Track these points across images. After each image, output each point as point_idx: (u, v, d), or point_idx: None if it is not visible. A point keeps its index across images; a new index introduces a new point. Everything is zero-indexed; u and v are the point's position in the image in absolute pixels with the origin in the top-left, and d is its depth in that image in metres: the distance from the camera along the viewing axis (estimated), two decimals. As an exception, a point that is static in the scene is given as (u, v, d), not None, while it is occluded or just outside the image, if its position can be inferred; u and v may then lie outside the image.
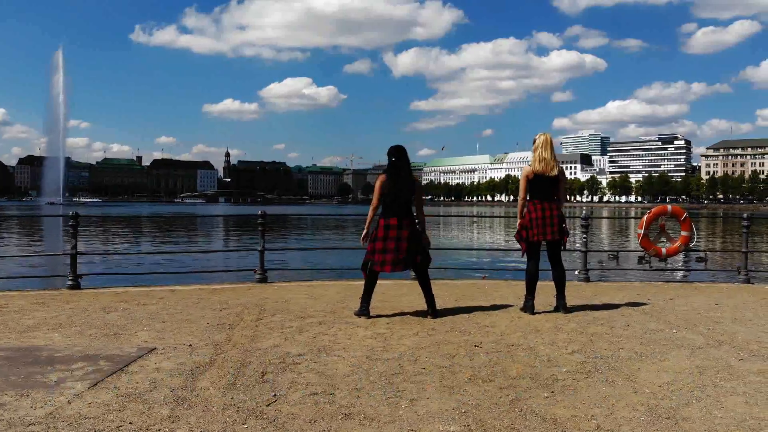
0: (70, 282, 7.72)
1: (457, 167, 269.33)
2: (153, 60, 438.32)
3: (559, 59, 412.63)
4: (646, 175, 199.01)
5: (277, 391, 3.51)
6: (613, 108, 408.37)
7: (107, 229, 33.66)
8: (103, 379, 3.71)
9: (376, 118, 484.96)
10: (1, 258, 15.63)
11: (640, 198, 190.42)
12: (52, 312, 5.98)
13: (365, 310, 5.78)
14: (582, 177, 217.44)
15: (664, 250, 8.38)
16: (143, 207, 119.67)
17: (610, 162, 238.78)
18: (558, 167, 5.92)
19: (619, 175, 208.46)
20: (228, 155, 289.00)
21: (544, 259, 6.15)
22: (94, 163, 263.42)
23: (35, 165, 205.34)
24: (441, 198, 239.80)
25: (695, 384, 3.75)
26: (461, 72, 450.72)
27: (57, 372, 3.86)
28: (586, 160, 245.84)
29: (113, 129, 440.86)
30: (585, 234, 9.04)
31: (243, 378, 3.76)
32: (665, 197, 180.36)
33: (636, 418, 3.17)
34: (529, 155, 6.12)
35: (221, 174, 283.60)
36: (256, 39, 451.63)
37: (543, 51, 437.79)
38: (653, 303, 6.80)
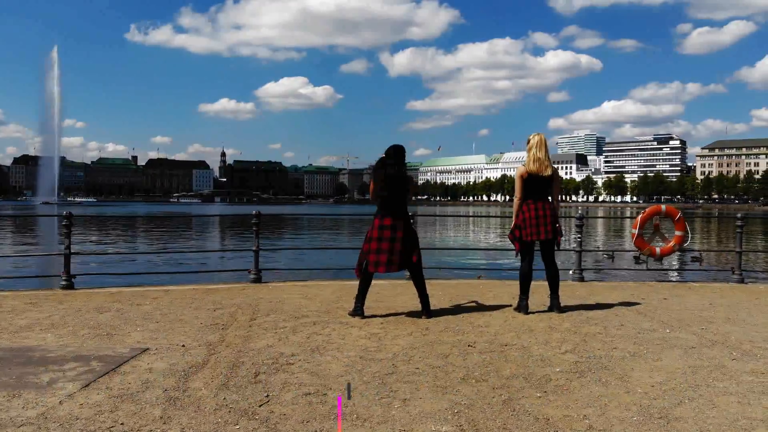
0: (63, 282, 7.69)
1: (453, 167, 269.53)
2: (148, 59, 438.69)
3: (555, 59, 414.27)
4: (641, 175, 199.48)
5: (270, 392, 3.51)
6: (609, 108, 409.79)
7: (102, 229, 33.54)
8: (95, 380, 3.70)
9: (372, 117, 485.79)
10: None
11: (635, 198, 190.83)
12: (45, 312, 5.95)
13: (359, 310, 5.78)
14: (577, 177, 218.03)
15: (658, 249, 8.39)
16: (138, 207, 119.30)
17: (605, 162, 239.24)
18: (552, 167, 5.93)
19: (615, 175, 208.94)
20: (224, 155, 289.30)
21: (538, 259, 6.16)
22: (89, 163, 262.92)
23: (30, 165, 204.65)
24: (437, 198, 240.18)
25: (688, 384, 3.76)
26: (457, 72, 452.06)
27: (49, 372, 3.85)
28: (581, 160, 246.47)
29: (108, 128, 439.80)
30: (579, 234, 9.06)
31: (236, 378, 3.76)
32: (660, 197, 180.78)
33: (628, 417, 3.17)
34: (525, 155, 6.12)
35: (217, 174, 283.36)
36: (252, 38, 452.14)
37: (539, 51, 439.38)
38: (647, 303, 6.81)
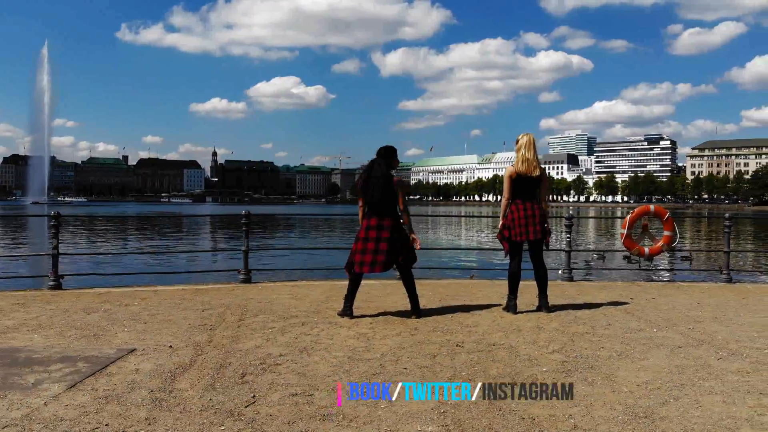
0: (51, 282, 7.64)
1: (446, 167, 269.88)
2: (140, 59, 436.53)
3: (547, 60, 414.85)
4: (632, 175, 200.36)
5: (257, 392, 3.50)
6: (600, 108, 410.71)
7: (92, 229, 33.36)
8: (81, 381, 3.68)
9: (364, 117, 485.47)
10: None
11: (626, 198, 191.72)
12: (32, 313, 5.92)
13: (348, 310, 5.78)
14: (569, 177, 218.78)
15: (646, 249, 8.44)
16: (129, 206, 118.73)
17: (596, 162, 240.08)
18: (540, 168, 5.95)
19: (606, 175, 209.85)
20: (215, 154, 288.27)
21: (527, 259, 6.17)
22: (79, 163, 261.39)
23: (20, 164, 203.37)
24: (429, 198, 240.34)
25: (673, 383, 3.78)
26: (449, 72, 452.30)
27: (35, 373, 3.83)
28: (572, 160, 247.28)
29: (99, 128, 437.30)
30: (569, 234, 9.09)
31: (222, 379, 3.74)
32: (651, 197, 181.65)
33: (613, 417, 3.19)
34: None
35: (208, 173, 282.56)
36: (243, 38, 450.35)
37: (530, 51, 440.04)
38: (635, 302, 6.84)
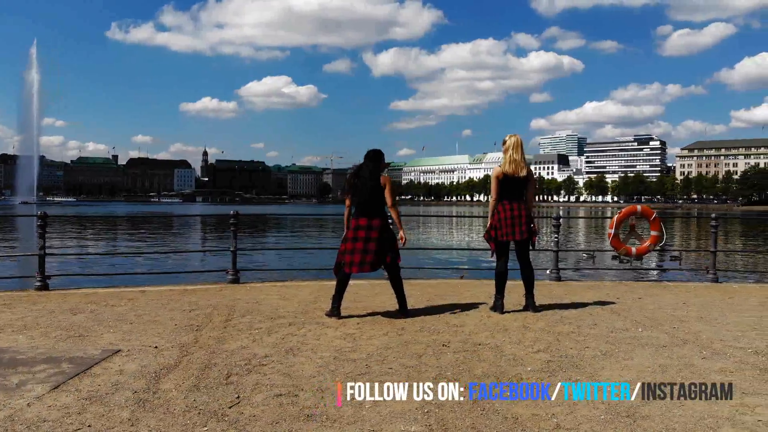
0: (38, 283, 7.59)
1: (437, 167, 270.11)
2: (130, 58, 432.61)
3: (537, 60, 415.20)
4: (622, 176, 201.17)
5: (241, 393, 3.50)
6: (590, 109, 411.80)
7: (80, 229, 33.18)
8: (65, 382, 3.66)
9: (356, 117, 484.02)
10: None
11: (616, 198, 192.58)
12: (17, 314, 5.88)
13: (336, 310, 5.78)
14: (559, 177, 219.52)
15: (634, 249, 8.49)
16: (118, 206, 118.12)
17: (586, 162, 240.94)
18: (527, 168, 5.99)
19: (596, 175, 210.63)
20: (206, 154, 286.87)
21: (514, 259, 6.20)
22: (69, 162, 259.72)
23: (9, 164, 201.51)
24: (420, 198, 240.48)
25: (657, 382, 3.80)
26: (441, 72, 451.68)
27: (18, 374, 3.81)
28: (563, 160, 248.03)
29: (89, 127, 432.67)
30: (557, 234, 9.14)
31: (207, 380, 3.74)
32: (641, 197, 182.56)
33: (596, 416, 3.21)
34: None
35: (199, 173, 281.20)
36: (234, 37, 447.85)
37: (521, 52, 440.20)
38: (622, 302, 6.88)
